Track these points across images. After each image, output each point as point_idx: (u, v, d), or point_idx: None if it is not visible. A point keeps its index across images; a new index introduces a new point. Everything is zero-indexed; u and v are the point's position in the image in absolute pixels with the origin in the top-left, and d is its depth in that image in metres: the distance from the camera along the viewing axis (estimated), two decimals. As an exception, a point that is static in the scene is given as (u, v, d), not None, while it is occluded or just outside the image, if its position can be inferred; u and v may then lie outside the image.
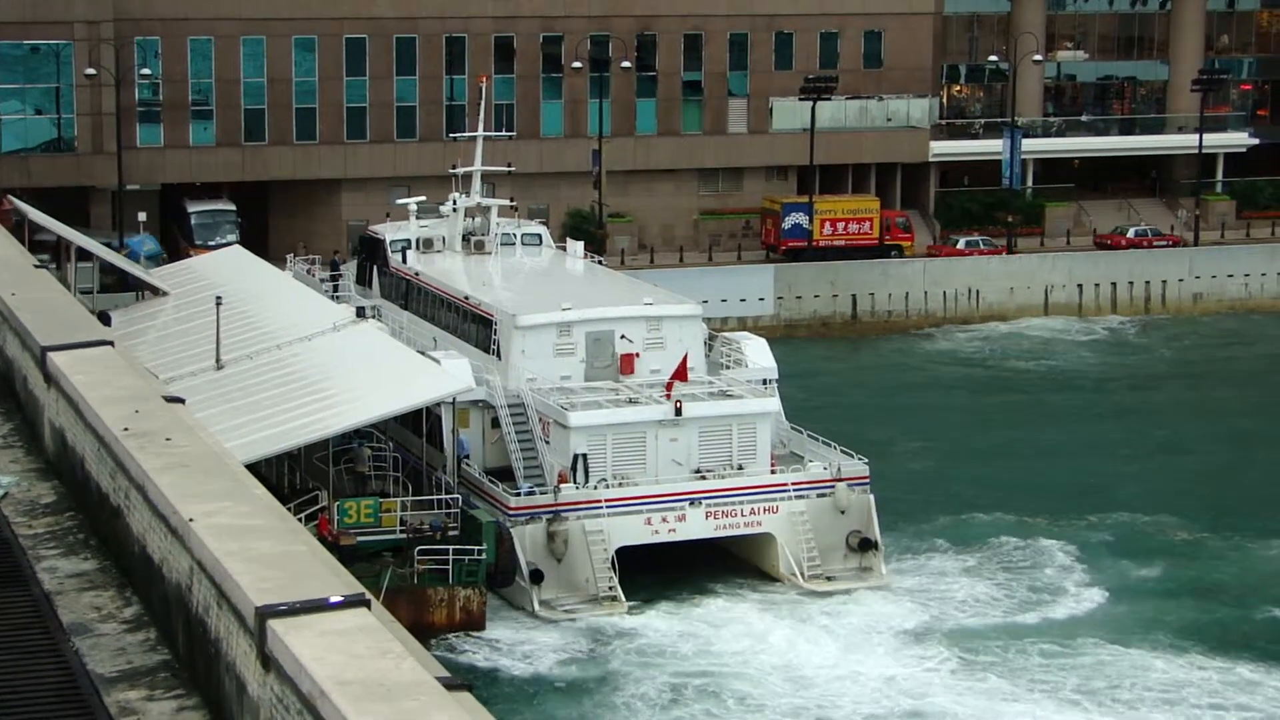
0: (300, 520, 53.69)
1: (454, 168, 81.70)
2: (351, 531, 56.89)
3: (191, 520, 17.34)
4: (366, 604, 15.27)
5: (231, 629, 15.92)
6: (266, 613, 14.94)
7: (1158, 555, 65.04)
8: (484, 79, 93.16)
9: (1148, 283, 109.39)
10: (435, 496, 59.25)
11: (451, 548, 56.72)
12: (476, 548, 56.82)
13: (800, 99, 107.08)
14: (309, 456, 61.74)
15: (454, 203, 78.78)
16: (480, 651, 55.94)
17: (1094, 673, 54.56)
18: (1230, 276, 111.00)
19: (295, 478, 63.03)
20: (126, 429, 20.55)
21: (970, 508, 69.79)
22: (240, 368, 61.74)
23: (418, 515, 58.43)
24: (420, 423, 62.80)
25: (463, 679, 15.18)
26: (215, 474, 19.13)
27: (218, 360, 61.78)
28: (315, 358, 61.46)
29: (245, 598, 15.41)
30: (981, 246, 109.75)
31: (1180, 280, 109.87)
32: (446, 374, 60.38)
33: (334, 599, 15.16)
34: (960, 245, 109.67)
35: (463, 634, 56.72)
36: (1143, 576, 62.92)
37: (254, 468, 50.33)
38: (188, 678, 17.47)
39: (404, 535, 57.43)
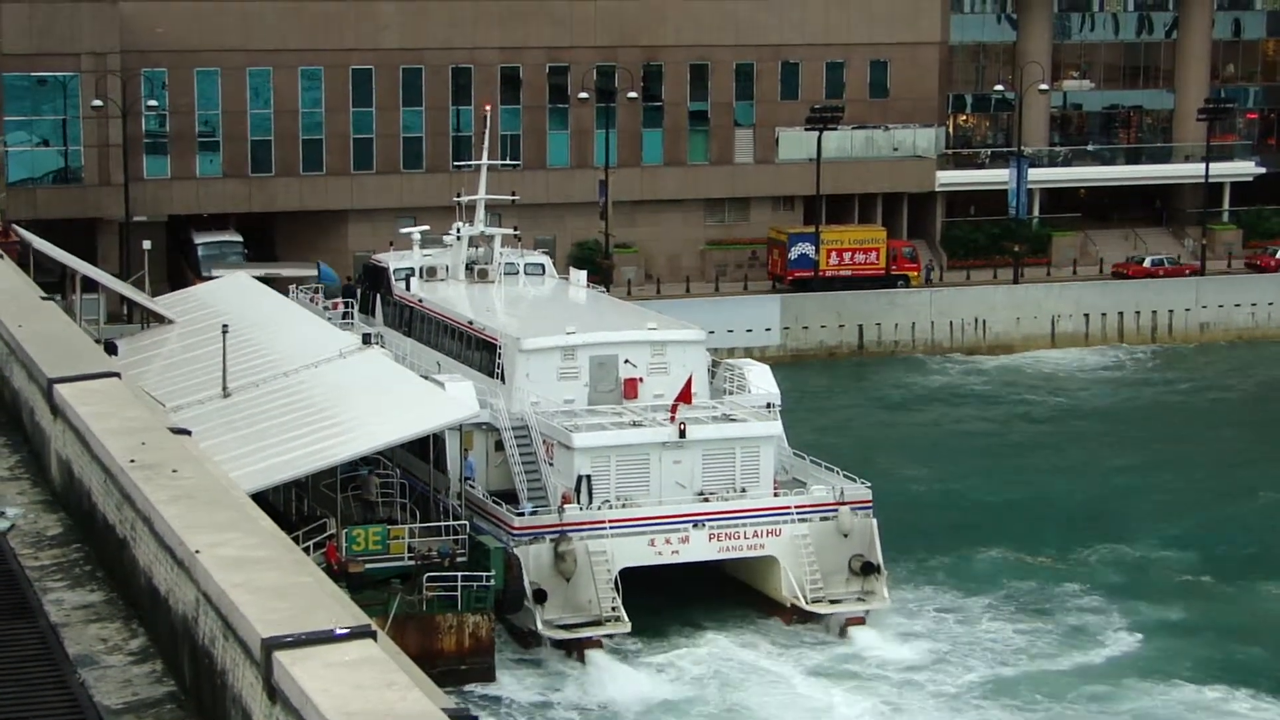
0: (308, 548, 53.78)
1: (458, 196, 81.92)
2: (360, 559, 56.91)
3: (198, 552, 17.36)
4: (372, 635, 15.28)
5: (238, 660, 15.92)
6: (273, 644, 14.95)
7: (1173, 590, 64.86)
8: (488, 106, 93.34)
9: (1154, 312, 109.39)
10: (443, 523, 59.29)
11: (460, 574, 56.72)
12: (485, 574, 56.83)
13: (806, 129, 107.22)
14: (316, 484, 61.76)
15: (457, 232, 79.00)
16: (490, 707, 55.59)
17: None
18: (1238, 306, 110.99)
19: (303, 505, 63.03)
20: (133, 460, 20.58)
21: (974, 534, 69.82)
22: (247, 395, 61.80)
23: (425, 542, 58.48)
24: (427, 447, 62.90)
25: (467, 710, 15.18)
26: (221, 505, 19.15)
27: (224, 388, 61.83)
28: (322, 385, 61.52)
29: (251, 629, 15.42)
30: (1166, 265, 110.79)
31: (1187, 310, 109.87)
32: (453, 400, 60.51)
33: (340, 630, 15.17)
34: (1146, 264, 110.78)
35: (473, 685, 56.32)
36: (1164, 614, 62.53)
37: (261, 496, 50.52)
38: (194, 709, 17.47)
39: (412, 562, 57.45)
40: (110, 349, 59.15)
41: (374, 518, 60.85)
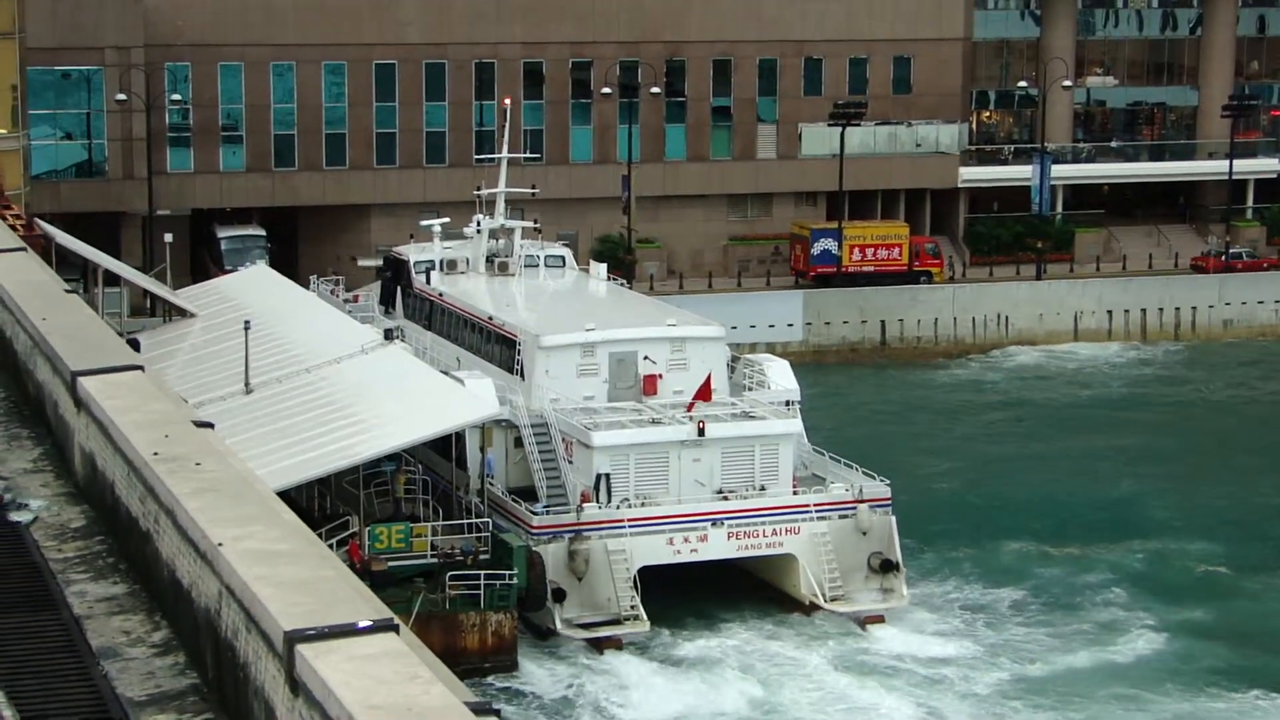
0: (331, 546, 53.72)
1: (478, 190, 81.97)
2: (383, 557, 56.86)
3: (221, 545, 17.37)
4: (395, 628, 15.27)
5: (260, 653, 15.93)
6: (295, 637, 14.95)
7: (1198, 589, 64.60)
8: (507, 100, 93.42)
9: (1178, 309, 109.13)
10: (466, 521, 59.23)
11: (483, 572, 56.67)
12: (508, 572, 56.77)
13: (829, 125, 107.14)
14: (339, 480, 61.73)
15: (478, 224, 79.01)
16: (514, 700, 55.51)
17: None
18: (1260, 303, 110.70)
19: (325, 502, 62.97)
20: (156, 453, 20.59)
21: (994, 531, 69.67)
22: (269, 391, 61.78)
23: (448, 540, 58.40)
24: (448, 445, 62.79)
25: (490, 704, 15.17)
26: (244, 499, 19.16)
27: (246, 384, 61.83)
28: (344, 382, 61.47)
29: (274, 622, 15.43)
30: (1245, 258, 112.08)
31: (1210, 306, 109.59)
32: (476, 398, 60.40)
33: (362, 624, 15.17)
34: (1223, 257, 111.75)
35: (495, 677, 56.31)
36: (1189, 612, 62.27)
37: (284, 493, 50.43)
38: (216, 702, 17.49)
39: (435, 560, 57.41)
40: (133, 347, 59.14)
41: (401, 514, 60.67)
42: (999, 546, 68.04)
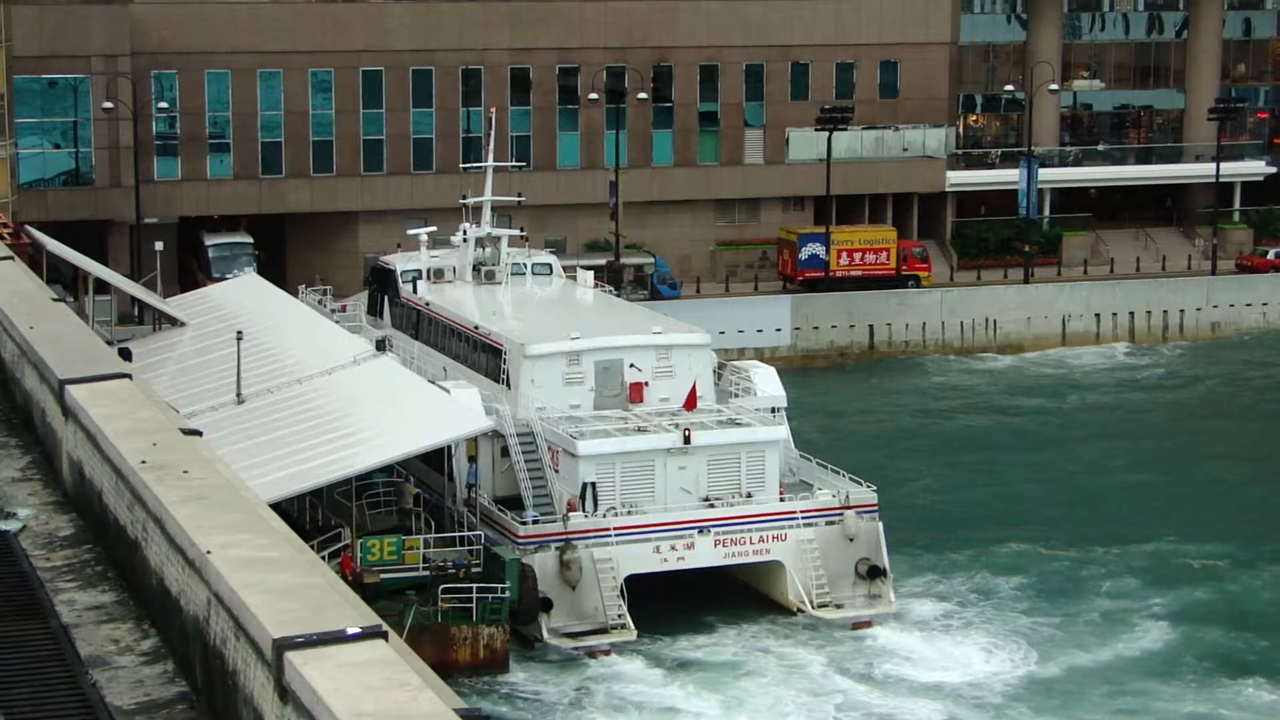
0: (324, 558, 53.56)
1: (464, 198, 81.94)
2: (375, 569, 56.70)
3: (209, 552, 17.37)
4: (384, 635, 15.28)
5: (249, 661, 15.93)
6: (284, 644, 14.95)
7: (1191, 584, 64.48)
8: (493, 109, 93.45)
9: (1165, 312, 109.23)
10: (459, 534, 59.05)
11: (475, 586, 56.52)
12: (500, 585, 56.60)
13: (816, 129, 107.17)
14: (330, 491, 61.54)
15: (464, 233, 78.98)
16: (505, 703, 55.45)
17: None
18: (1248, 305, 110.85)
19: (318, 514, 62.72)
20: (144, 461, 20.59)
21: (983, 535, 69.55)
22: (261, 402, 61.67)
23: (440, 553, 58.20)
24: (439, 457, 62.66)
25: (480, 711, 15.19)
26: (233, 506, 19.16)
27: (238, 395, 61.76)
28: (336, 393, 61.35)
29: (263, 629, 15.43)
30: None
31: (1198, 309, 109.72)
32: (467, 411, 60.25)
33: (351, 631, 15.18)
34: (1270, 255, 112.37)
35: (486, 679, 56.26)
36: (1182, 614, 61.89)
37: (276, 504, 50.28)
38: (206, 710, 17.48)
39: (427, 573, 57.28)
40: (125, 356, 59.04)
41: (406, 527, 60.47)
42: (987, 550, 68.00)
